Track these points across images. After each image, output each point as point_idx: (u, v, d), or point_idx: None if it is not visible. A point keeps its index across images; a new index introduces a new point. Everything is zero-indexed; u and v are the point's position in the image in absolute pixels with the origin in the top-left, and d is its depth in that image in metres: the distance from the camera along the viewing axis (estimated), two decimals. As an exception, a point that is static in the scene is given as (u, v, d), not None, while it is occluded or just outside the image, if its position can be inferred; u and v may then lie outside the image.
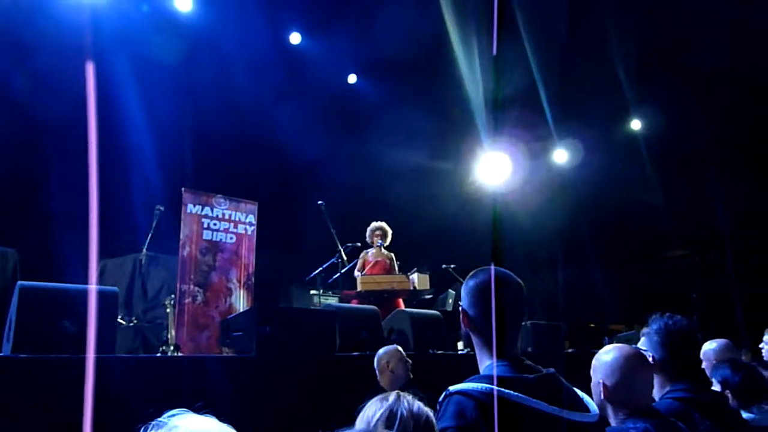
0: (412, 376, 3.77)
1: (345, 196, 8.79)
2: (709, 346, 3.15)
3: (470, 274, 1.74)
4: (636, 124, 10.47)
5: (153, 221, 6.26)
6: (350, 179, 9.23)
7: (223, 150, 8.60)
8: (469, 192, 10.51)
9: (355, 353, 4.57)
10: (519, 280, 1.71)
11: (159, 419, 0.95)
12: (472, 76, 8.45)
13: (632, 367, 1.94)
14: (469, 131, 9.53)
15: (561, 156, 10.63)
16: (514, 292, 1.68)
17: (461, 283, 6.07)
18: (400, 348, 3.90)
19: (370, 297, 6.37)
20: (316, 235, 7.83)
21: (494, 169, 10.00)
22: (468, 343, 1.75)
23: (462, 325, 1.74)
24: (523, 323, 1.78)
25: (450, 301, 7.68)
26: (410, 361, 3.87)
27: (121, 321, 5.80)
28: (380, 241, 6.89)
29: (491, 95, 8.21)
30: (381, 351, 3.90)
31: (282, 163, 9.02)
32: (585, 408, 1.62)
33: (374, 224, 7.02)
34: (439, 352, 5.17)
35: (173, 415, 0.96)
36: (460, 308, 1.74)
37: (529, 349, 5.75)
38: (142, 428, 0.94)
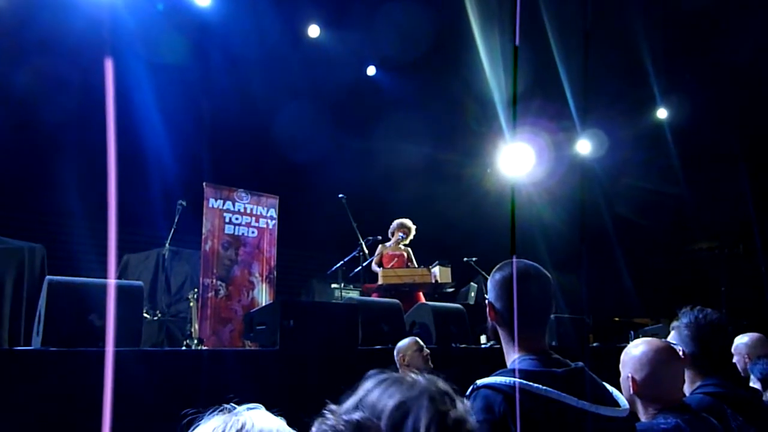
0: (432, 366, 3.74)
1: (364, 190, 8.79)
2: (741, 340, 3.09)
3: (497, 266, 1.73)
4: (662, 113, 10.30)
5: (175, 216, 6.34)
6: (369, 172, 9.23)
7: (243, 144, 8.65)
8: (492, 185, 10.45)
9: (377, 347, 4.58)
10: (546, 272, 1.70)
11: (233, 409, 0.99)
12: (493, 67, 8.38)
13: (662, 360, 1.91)
14: (490, 123, 9.47)
15: (584, 147, 10.50)
16: (541, 285, 1.66)
17: (483, 277, 6.06)
18: (418, 339, 3.86)
19: (391, 290, 6.39)
20: (337, 228, 7.85)
21: (516, 160, 9.92)
22: (494, 337, 1.74)
23: (488, 319, 1.73)
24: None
25: (472, 294, 7.66)
26: (428, 351, 3.84)
27: (146, 315, 5.88)
28: (401, 236, 6.91)
29: (512, 86, 8.13)
30: (399, 344, 3.89)
31: (302, 157, 9.05)
32: (615, 403, 1.60)
33: (401, 221, 7.05)
34: (462, 345, 5.16)
35: (252, 409, 1.00)
36: (487, 301, 1.73)
37: (553, 344, 5.71)
38: (214, 411, 0.98)
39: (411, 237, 7.02)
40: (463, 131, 10.02)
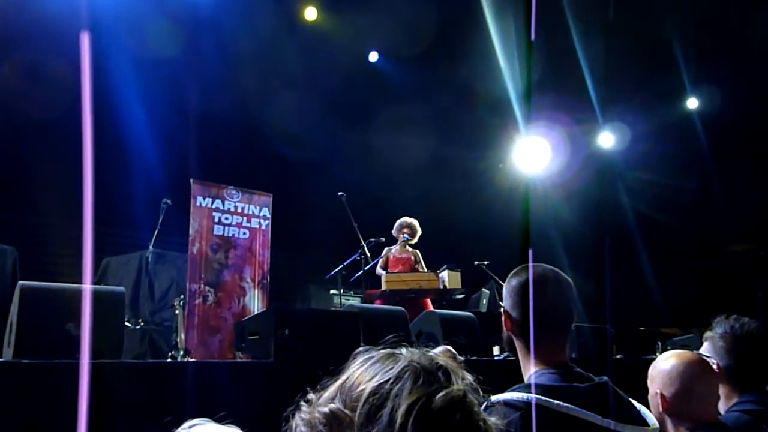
0: None
1: (366, 187, 8.79)
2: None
3: (513, 271, 1.72)
4: (692, 103, 10.26)
5: (159, 216, 6.34)
6: (371, 168, 9.23)
7: (234, 138, 8.66)
8: (504, 181, 10.43)
9: (380, 359, 4.56)
10: (567, 277, 1.69)
11: (178, 429, 0.94)
12: (506, 54, 8.36)
13: (694, 375, 1.90)
14: (503, 115, 9.45)
15: (606, 140, 10.48)
16: (561, 291, 1.65)
17: (496, 282, 6.04)
18: (450, 348, 3.92)
19: (395, 297, 6.38)
20: (336, 229, 7.84)
21: (531, 155, 9.91)
22: (510, 348, 1.73)
23: (504, 328, 1.72)
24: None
25: (484, 301, 7.65)
26: (462, 359, 3.89)
27: (127, 324, 5.88)
28: (407, 236, 6.90)
29: (527, 74, 8.11)
30: (431, 353, 3.92)
31: (298, 152, 9.06)
32: (643, 421, 1.59)
33: (404, 219, 7.06)
34: (474, 358, 5.15)
35: (194, 425, 0.94)
36: (502, 309, 1.72)
37: (573, 356, 5.69)
38: None
39: (417, 237, 7.01)
40: (473, 124, 10.00)
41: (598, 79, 8.40)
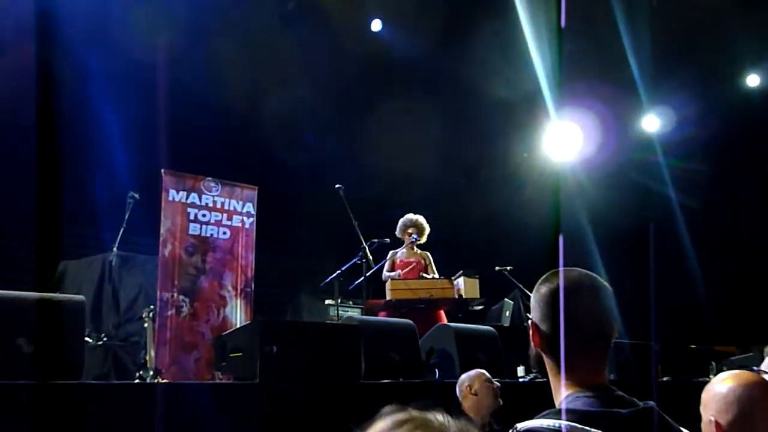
0: (501, 402, 4.04)
1: (367, 179, 8.80)
2: None
3: (542, 278, 1.71)
4: (753, 80, 10.23)
5: (125, 212, 6.34)
6: (374, 158, 9.22)
7: (213, 122, 8.66)
8: (530, 173, 10.42)
9: (385, 381, 4.57)
10: (606, 284, 1.68)
11: None
12: (534, 24, 8.35)
13: (755, 399, 1.89)
14: (529, 96, 9.43)
15: (651, 124, 10.45)
16: (600, 301, 1.64)
17: (521, 290, 6.03)
18: (485, 372, 4.15)
19: (402, 308, 6.38)
20: (333, 228, 7.83)
21: (563, 143, 9.90)
22: (539, 368, 1.73)
23: (531, 344, 1.71)
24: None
25: (507, 313, 7.64)
26: (499, 384, 4.10)
27: (88, 339, 5.89)
28: (415, 236, 6.90)
29: (557, 49, 8.11)
30: (463, 376, 4.12)
31: (287, 139, 9.06)
32: (695, 453, 1.59)
33: (408, 217, 7.05)
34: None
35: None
36: (529, 322, 1.71)
37: (612, 377, 5.69)
38: None
39: (425, 236, 7.00)
40: (493, 106, 9.98)
41: (642, 56, 8.39)
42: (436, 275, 6.95)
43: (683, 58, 9.20)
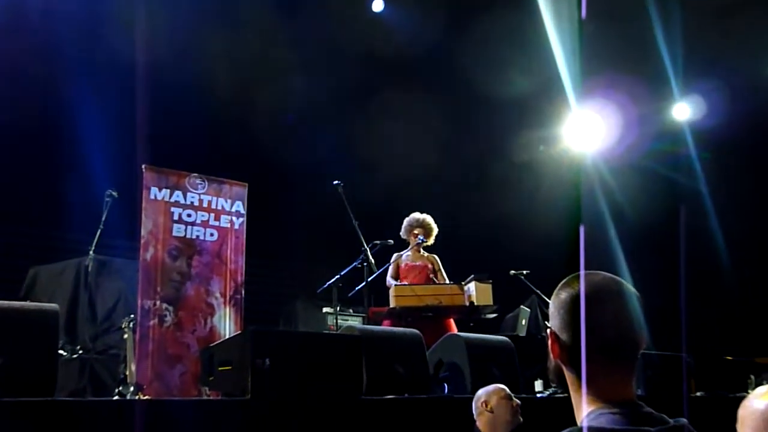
0: (522, 420, 4.02)
1: (369, 176, 8.79)
2: None
3: (562, 282, 1.71)
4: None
5: (103, 212, 6.34)
6: (376, 154, 9.21)
7: (198, 114, 8.65)
8: (547, 168, 10.41)
9: (389, 396, 4.57)
10: (633, 289, 1.68)
11: None
12: (555, 12, 8.34)
13: (798, 417, 1.89)
14: (547, 83, 9.41)
15: (682, 112, 10.44)
16: (626, 307, 1.64)
17: (539, 297, 6.03)
18: (504, 387, 4.16)
19: (408, 316, 6.38)
20: (330, 229, 7.83)
21: (584, 134, 9.89)
22: (559, 382, 1.72)
23: (550, 356, 1.71)
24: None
25: (523, 322, 7.64)
26: (519, 402, 4.08)
27: (62, 351, 5.90)
28: (421, 238, 6.90)
29: (581, 37, 8.10)
30: (480, 392, 4.12)
31: (280, 131, 9.06)
32: (732, 475, 1.58)
33: (414, 216, 7.05)
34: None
35: None
36: (548, 331, 1.71)
37: (639, 391, 5.69)
38: None
39: (433, 237, 7.01)
40: (507, 95, 9.96)
41: (673, 42, 8.38)
42: (446, 280, 6.95)
43: (716, 45, 9.18)
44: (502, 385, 4.17)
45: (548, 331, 1.73)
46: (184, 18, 8.12)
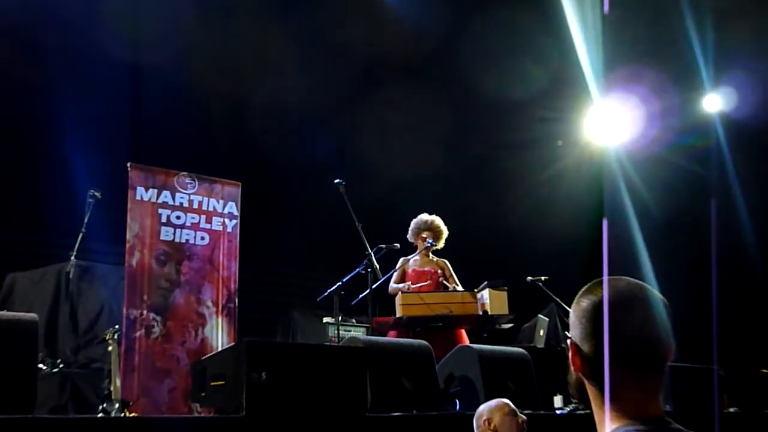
0: None
1: (373, 176, 8.78)
2: None
3: (583, 289, 1.71)
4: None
5: (85, 214, 6.35)
6: (380, 151, 9.20)
7: (188, 108, 8.65)
8: (566, 165, 10.40)
9: (395, 413, 4.57)
10: (660, 296, 1.68)
11: None
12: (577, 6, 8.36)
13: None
14: (567, 73, 9.40)
15: (713, 103, 10.44)
16: (653, 315, 1.64)
17: (558, 305, 6.03)
18: (507, 401, 4.09)
19: (416, 326, 6.37)
20: (332, 232, 7.83)
21: (608, 127, 9.88)
22: (580, 397, 1.72)
23: (571, 369, 1.72)
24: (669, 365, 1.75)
25: (541, 332, 7.63)
26: (525, 418, 4.05)
27: (42, 365, 5.91)
28: (430, 242, 6.89)
29: (605, 24, 8.10)
30: (482, 407, 4.06)
31: (276, 126, 9.06)
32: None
33: (422, 218, 7.05)
34: (527, 412, 5.14)
35: None
36: (568, 342, 1.71)
37: (667, 407, 5.68)
38: None
39: (443, 240, 7.00)
40: (521, 88, 9.96)
41: (704, 31, 8.38)
42: (458, 287, 6.94)
43: (748, 33, 9.17)
44: (505, 400, 4.14)
45: (568, 341, 1.73)
46: (173, 8, 8.13)
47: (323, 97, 9.22)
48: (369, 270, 6.56)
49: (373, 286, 6.53)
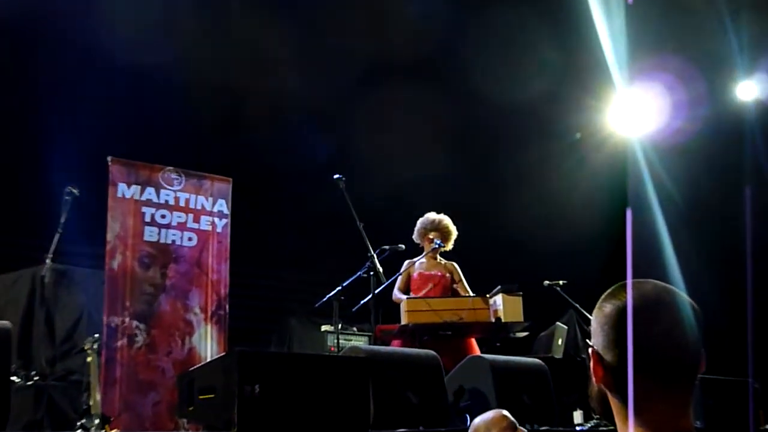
0: None
1: (376, 172, 8.78)
2: None
3: (606, 293, 1.71)
4: None
5: (62, 213, 6.36)
6: (384, 144, 9.20)
7: (175, 96, 8.65)
8: (586, 158, 10.40)
9: (400, 430, 4.57)
10: (690, 300, 1.68)
11: None
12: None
13: None
14: (586, 58, 9.40)
15: (748, 92, 10.44)
16: (682, 322, 1.64)
17: (577, 311, 6.04)
18: (506, 413, 4.02)
19: (422, 335, 6.38)
20: (331, 232, 7.83)
21: (631, 117, 9.88)
22: (602, 411, 1.73)
23: (592, 380, 1.72)
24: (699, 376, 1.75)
25: (560, 341, 7.64)
26: (525, 430, 3.96)
27: (15, 377, 5.91)
28: (438, 243, 6.89)
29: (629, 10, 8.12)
30: (476, 421, 3.98)
31: (271, 118, 9.06)
32: None
33: (429, 217, 7.05)
34: (544, 428, 5.14)
35: None
36: (590, 351, 1.72)
37: (698, 423, 5.68)
38: None
39: (452, 241, 7.01)
40: (539, 72, 9.96)
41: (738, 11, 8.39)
42: (468, 292, 6.94)
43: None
44: (503, 411, 4.05)
45: (590, 350, 1.73)
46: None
47: (323, 89, 9.22)
48: (371, 273, 6.55)
49: (376, 291, 6.52)
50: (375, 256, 6.54)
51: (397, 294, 6.87)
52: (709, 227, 9.47)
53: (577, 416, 5.87)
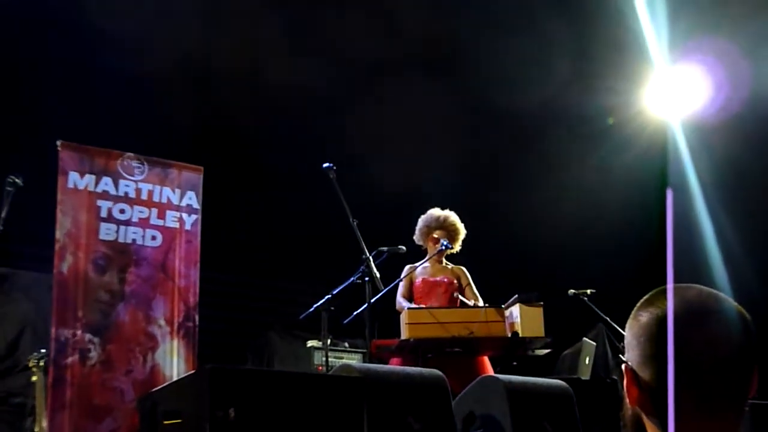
0: None
1: (373, 161, 8.81)
2: None
3: (642, 300, 1.72)
4: None
5: (2, 207, 6.36)
6: (381, 125, 9.23)
7: (136, 73, 8.65)
8: (617, 146, 10.44)
9: (399, 462, 4.59)
10: (741, 310, 1.68)
11: None
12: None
13: None
14: (621, 36, 9.45)
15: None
16: (731, 334, 1.64)
17: (607, 325, 6.07)
18: None
19: (426, 351, 6.38)
20: (319, 230, 7.85)
21: (670, 100, 9.93)
22: (639, 437, 1.73)
23: (625, 401, 1.72)
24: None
25: (587, 360, 7.65)
26: None
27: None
28: (445, 244, 6.89)
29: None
30: None
31: (249, 96, 9.08)
32: None
33: (432, 214, 7.05)
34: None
35: None
36: (624, 368, 1.72)
37: (747, 456, 5.71)
38: None
39: (460, 242, 7.01)
40: (565, 52, 10.00)
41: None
42: (479, 301, 6.94)
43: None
44: None
45: (623, 367, 1.73)
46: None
47: (322, 79, 9.25)
48: (366, 279, 6.56)
49: (372, 300, 6.53)
50: (371, 258, 6.55)
51: (401, 302, 6.86)
52: (751, 214, 9.53)
53: (607, 447, 5.89)
